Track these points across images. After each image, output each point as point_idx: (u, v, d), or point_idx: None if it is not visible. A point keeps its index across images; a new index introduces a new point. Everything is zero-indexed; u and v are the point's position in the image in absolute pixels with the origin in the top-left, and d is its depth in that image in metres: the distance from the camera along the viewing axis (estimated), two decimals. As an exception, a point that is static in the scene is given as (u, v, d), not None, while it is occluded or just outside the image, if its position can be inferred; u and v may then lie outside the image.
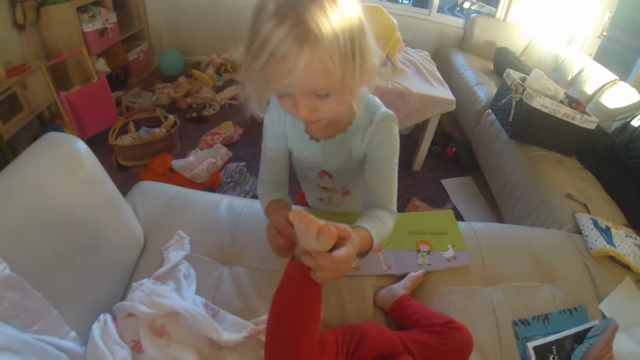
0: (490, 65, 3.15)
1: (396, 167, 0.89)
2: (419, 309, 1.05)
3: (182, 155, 2.37)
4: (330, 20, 0.58)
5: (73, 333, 0.85)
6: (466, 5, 4.14)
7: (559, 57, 2.91)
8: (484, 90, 2.61)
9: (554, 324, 1.13)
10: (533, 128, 1.93)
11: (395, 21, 2.17)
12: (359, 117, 0.89)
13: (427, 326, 0.99)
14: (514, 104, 1.96)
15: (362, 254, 0.78)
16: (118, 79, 3.06)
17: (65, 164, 0.93)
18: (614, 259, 1.36)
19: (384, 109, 0.90)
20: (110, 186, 1.05)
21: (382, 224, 0.82)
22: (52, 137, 0.95)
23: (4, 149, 2.02)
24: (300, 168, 1.06)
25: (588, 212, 1.59)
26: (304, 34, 0.57)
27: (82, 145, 0.99)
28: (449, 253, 1.21)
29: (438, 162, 2.61)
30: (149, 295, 0.93)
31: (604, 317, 1.17)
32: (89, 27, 2.53)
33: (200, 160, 2.30)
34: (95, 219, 0.97)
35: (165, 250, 1.12)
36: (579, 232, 1.48)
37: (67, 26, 2.39)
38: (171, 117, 2.48)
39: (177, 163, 2.22)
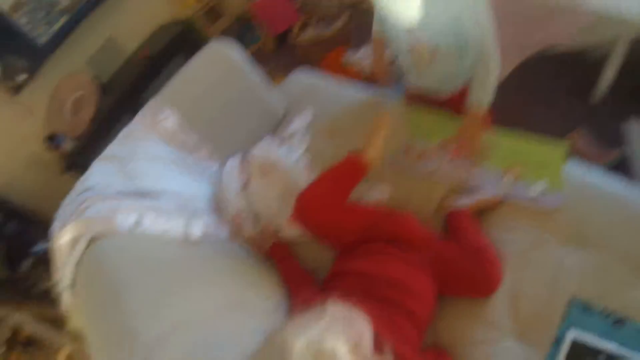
0: None
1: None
2: (469, 227, 1.06)
3: (357, 48, 2.55)
4: None
5: (216, 165, 1.44)
6: None
7: None
8: None
9: (628, 336, 0.82)
10: None
11: None
12: None
13: (462, 244, 1.01)
14: None
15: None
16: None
17: (220, 61, 1.46)
18: None
19: None
20: (254, 73, 1.52)
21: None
22: (213, 44, 1.48)
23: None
24: (389, 30, 1.16)
25: None
26: None
27: (230, 47, 1.48)
28: (538, 188, 1.08)
29: (629, 100, 1.99)
30: (264, 147, 1.41)
31: None
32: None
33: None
34: (240, 94, 1.48)
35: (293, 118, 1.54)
36: None
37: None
38: (346, 13, 2.69)
39: (347, 57, 2.48)
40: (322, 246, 1.16)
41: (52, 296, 1.09)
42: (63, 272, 1.05)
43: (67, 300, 1.05)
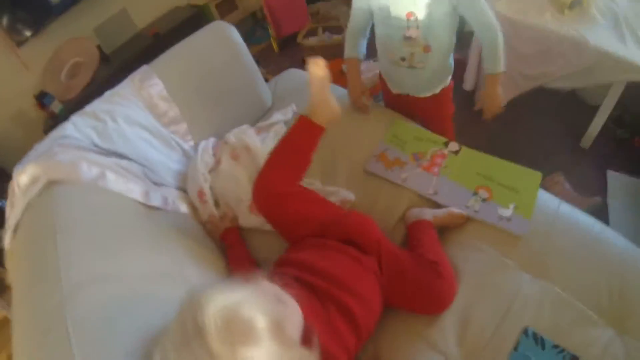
0: None
1: None
2: (428, 239, 1.02)
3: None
4: None
5: (192, 142, 1.42)
6: None
7: None
8: None
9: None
10: None
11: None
12: None
13: (417, 254, 0.97)
14: None
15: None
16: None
17: (219, 41, 1.46)
18: None
19: None
20: (249, 61, 1.52)
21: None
22: (216, 24, 1.49)
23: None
24: (386, 18, 1.15)
25: None
26: None
27: (232, 30, 1.49)
28: (506, 212, 1.06)
29: (617, 149, 2.02)
30: (241, 132, 1.37)
31: None
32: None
33: (371, 68, 2.57)
34: (232, 78, 1.47)
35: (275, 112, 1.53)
36: None
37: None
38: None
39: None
40: (277, 237, 1.11)
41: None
42: (12, 212, 1.02)
43: (7, 241, 1.00)
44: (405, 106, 1.38)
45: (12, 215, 1.01)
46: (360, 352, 0.90)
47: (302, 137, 1.02)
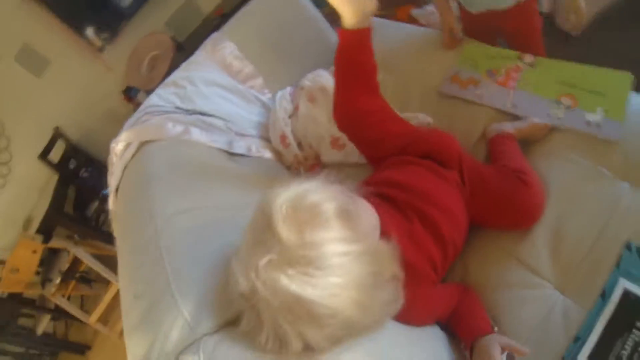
0: None
1: None
2: (511, 150, 0.96)
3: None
4: None
5: (269, 95, 1.44)
6: None
7: None
8: None
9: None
10: None
11: None
12: None
13: (500, 165, 0.92)
14: None
15: None
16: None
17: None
18: None
19: None
20: (316, 14, 1.52)
21: None
22: None
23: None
24: None
25: None
26: None
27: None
28: (594, 116, 0.95)
29: None
30: (315, 75, 1.36)
31: None
32: None
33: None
34: (301, 31, 1.48)
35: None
36: None
37: None
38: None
39: (415, 11, 2.39)
40: (358, 169, 1.12)
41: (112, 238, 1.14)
42: (113, 177, 1.06)
43: (111, 202, 1.04)
44: (487, 28, 1.26)
45: (113, 180, 1.06)
46: (447, 273, 0.87)
47: (349, 48, 0.93)
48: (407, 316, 0.66)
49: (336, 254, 0.53)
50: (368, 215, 0.66)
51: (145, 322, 0.65)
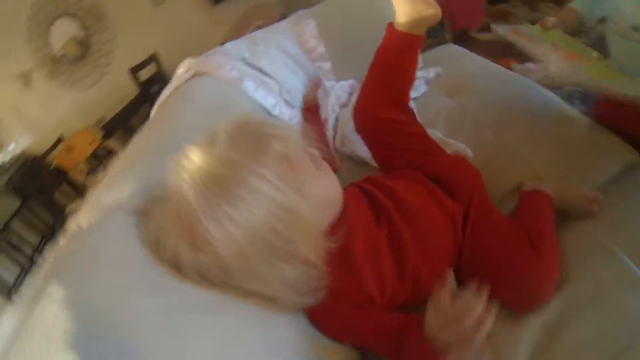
0: None
1: None
2: (539, 210, 0.80)
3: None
4: None
5: (333, 81, 1.46)
6: None
7: None
8: None
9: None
10: None
11: None
12: None
13: (518, 223, 0.77)
14: None
15: None
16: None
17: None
18: None
19: None
20: None
21: None
22: None
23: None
24: None
25: None
26: None
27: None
28: None
29: None
30: None
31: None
32: None
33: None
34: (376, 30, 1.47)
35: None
36: None
37: None
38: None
39: (516, 66, 2.30)
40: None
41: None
42: (165, 91, 1.17)
43: (153, 111, 1.16)
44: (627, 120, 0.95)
45: (163, 94, 1.16)
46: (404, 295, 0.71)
47: (392, 47, 0.83)
48: (318, 323, 0.61)
49: (248, 186, 0.49)
50: (324, 186, 0.61)
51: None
